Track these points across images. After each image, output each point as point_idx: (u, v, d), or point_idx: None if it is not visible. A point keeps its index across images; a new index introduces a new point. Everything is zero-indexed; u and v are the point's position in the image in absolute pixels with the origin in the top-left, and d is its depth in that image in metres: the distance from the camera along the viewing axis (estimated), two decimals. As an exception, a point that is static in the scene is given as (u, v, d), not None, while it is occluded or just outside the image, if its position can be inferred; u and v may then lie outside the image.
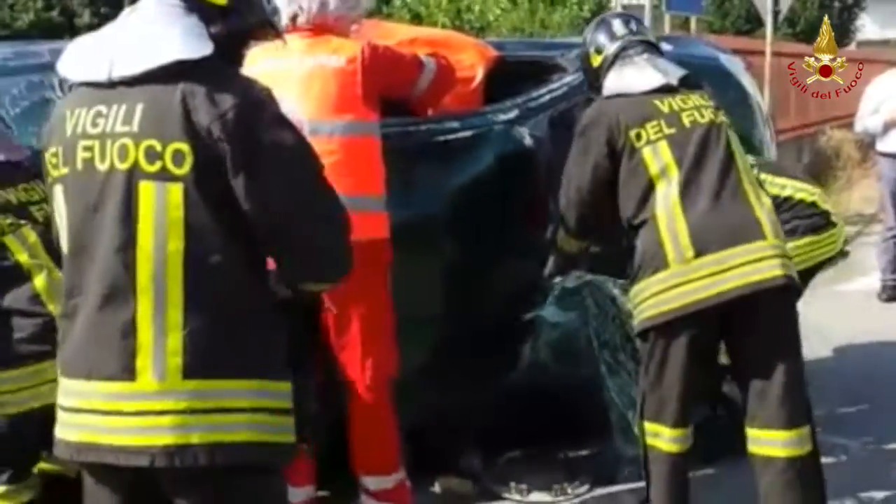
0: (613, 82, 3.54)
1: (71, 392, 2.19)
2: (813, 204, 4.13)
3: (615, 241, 3.58)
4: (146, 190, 2.11)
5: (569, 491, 4.00)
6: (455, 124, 3.91)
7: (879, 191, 7.68)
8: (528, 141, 3.98)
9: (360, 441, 3.41)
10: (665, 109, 3.43)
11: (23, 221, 3.21)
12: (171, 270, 2.11)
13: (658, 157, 3.34)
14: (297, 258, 2.25)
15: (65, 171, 2.19)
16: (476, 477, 4.06)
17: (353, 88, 3.28)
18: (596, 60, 3.62)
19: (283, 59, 3.30)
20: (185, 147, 2.10)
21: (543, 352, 3.92)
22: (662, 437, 3.39)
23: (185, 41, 2.14)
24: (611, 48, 3.59)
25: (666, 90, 3.46)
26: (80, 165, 2.16)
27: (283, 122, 2.21)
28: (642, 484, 3.54)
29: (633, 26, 3.68)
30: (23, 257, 3.19)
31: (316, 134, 3.16)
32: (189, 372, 2.11)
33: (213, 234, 2.13)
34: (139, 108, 2.12)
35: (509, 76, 4.16)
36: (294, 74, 3.30)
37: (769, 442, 3.27)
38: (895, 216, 7.36)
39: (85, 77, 2.20)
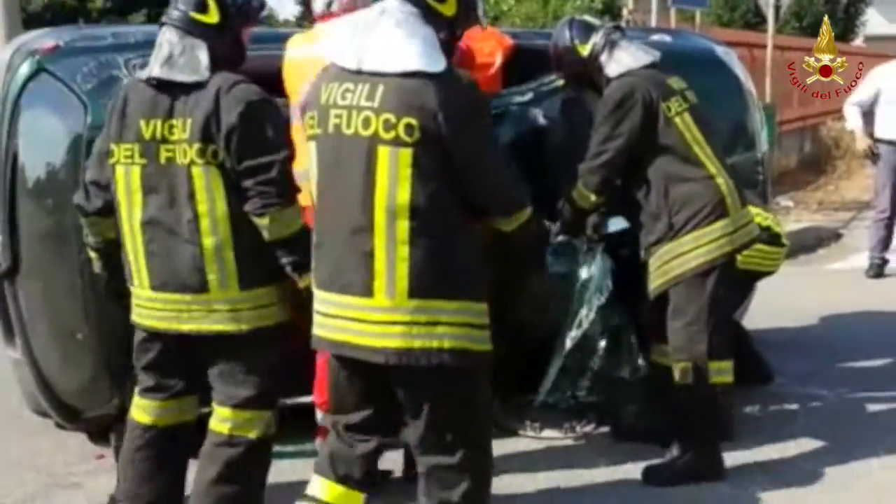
0: (617, 62, 4.03)
1: (328, 302, 2.88)
2: (768, 227, 4.59)
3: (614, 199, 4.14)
4: (383, 153, 2.76)
5: (577, 429, 4.44)
6: None
7: (875, 174, 8.02)
8: (541, 121, 4.42)
9: None
10: (675, 87, 4.02)
11: None
12: (399, 215, 2.76)
13: (688, 127, 3.94)
14: (487, 196, 2.90)
15: (318, 131, 2.87)
16: (496, 417, 4.47)
17: None
18: (584, 50, 4.10)
19: (320, 44, 3.74)
20: (414, 122, 2.73)
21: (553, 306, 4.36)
22: (726, 372, 3.91)
23: (425, 53, 2.78)
24: (597, 36, 4.09)
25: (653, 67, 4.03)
26: (331, 129, 2.82)
27: (477, 107, 2.88)
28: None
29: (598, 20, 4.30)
30: None
31: None
32: (412, 293, 2.77)
33: (432, 188, 2.77)
34: (380, 89, 2.76)
35: (524, 62, 4.59)
36: None
37: None
38: (889, 199, 7.69)
39: (339, 63, 2.86)
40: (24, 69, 4.13)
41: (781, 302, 6.42)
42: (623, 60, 4.06)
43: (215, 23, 3.18)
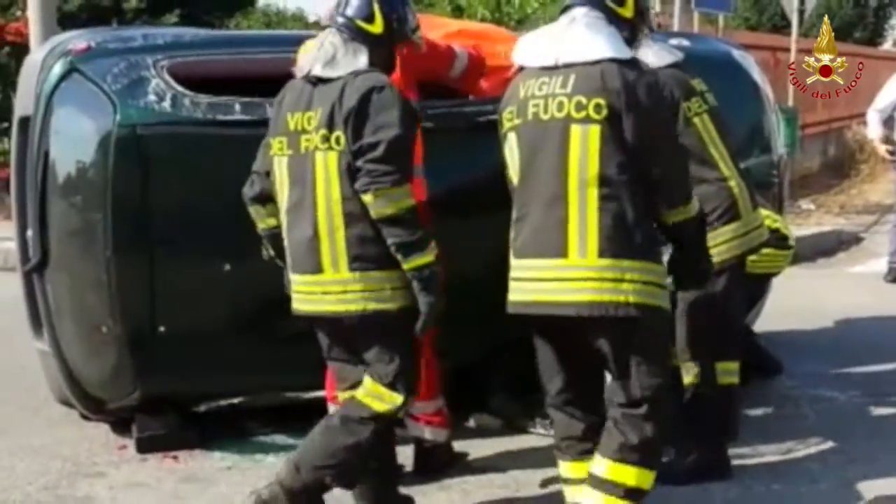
0: (642, 59, 4.09)
1: (524, 267, 3.20)
2: (776, 230, 4.64)
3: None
4: (575, 131, 3.11)
5: None
6: (492, 107, 4.42)
7: (895, 179, 8.09)
8: None
9: None
10: (696, 88, 4.07)
11: None
12: (589, 184, 3.09)
13: (706, 128, 4.02)
14: (661, 179, 3.18)
15: (518, 121, 3.23)
16: (505, 415, 4.62)
17: (394, 72, 3.78)
18: None
19: None
20: (602, 101, 3.08)
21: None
22: (733, 373, 4.00)
23: (611, 44, 3.16)
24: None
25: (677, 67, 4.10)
26: (530, 117, 3.19)
27: (659, 91, 3.24)
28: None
29: None
30: None
31: None
32: (601, 253, 3.08)
33: (617, 160, 3.09)
34: (572, 77, 3.12)
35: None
36: None
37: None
38: None
39: (536, 63, 3.23)
40: (57, 69, 4.26)
41: (799, 304, 6.49)
42: (647, 59, 4.10)
43: (378, 33, 3.48)
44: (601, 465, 3.19)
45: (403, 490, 3.77)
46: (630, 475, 3.17)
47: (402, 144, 3.35)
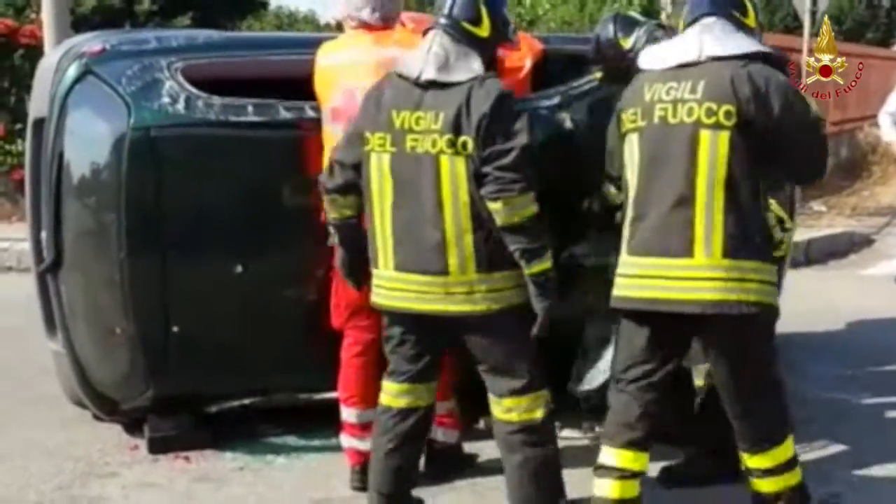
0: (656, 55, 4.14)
1: (643, 265, 3.32)
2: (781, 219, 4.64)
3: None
4: (704, 136, 3.24)
5: (597, 429, 4.45)
6: None
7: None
8: (568, 124, 4.48)
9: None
10: None
11: None
12: (717, 189, 3.22)
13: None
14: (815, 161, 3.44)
15: (643, 123, 3.36)
16: None
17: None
18: (626, 43, 4.15)
19: (355, 50, 3.95)
20: (732, 108, 3.21)
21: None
22: None
23: (745, 48, 3.31)
24: (640, 31, 4.16)
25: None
26: (656, 120, 3.31)
27: (790, 89, 3.31)
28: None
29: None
30: None
31: None
32: (726, 253, 3.23)
33: (745, 165, 3.23)
34: (702, 83, 3.25)
35: (554, 67, 4.68)
36: (365, 65, 3.89)
37: None
38: None
39: (662, 66, 3.37)
40: (72, 71, 4.29)
41: (811, 306, 6.48)
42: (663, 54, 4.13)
43: (485, 37, 3.48)
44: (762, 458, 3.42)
45: (413, 491, 3.78)
46: (780, 455, 3.42)
47: (530, 152, 3.40)
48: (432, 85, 3.40)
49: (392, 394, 3.58)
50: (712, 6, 3.39)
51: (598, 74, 4.43)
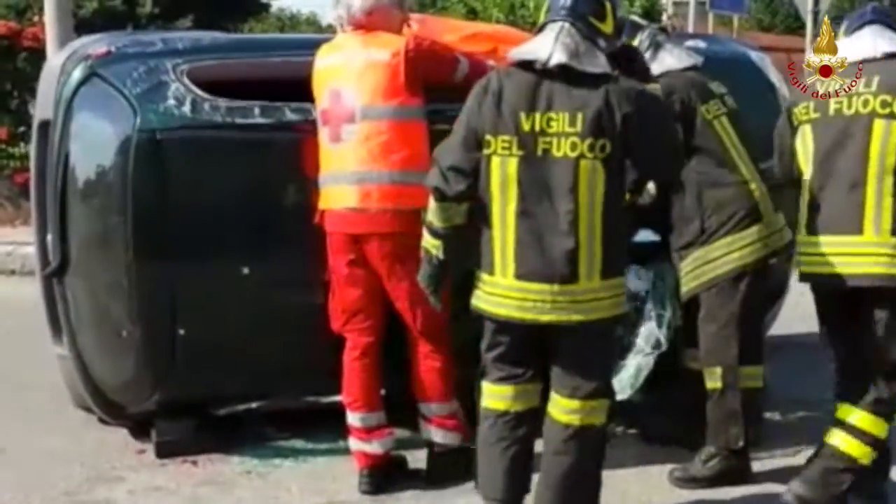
0: (658, 63, 4.11)
1: (822, 243, 3.68)
2: None
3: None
4: (878, 125, 3.59)
5: (616, 431, 4.45)
6: None
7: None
8: None
9: (420, 374, 3.97)
10: (715, 91, 4.11)
11: None
12: (887, 174, 3.57)
13: (726, 131, 4.06)
14: None
15: (816, 116, 3.73)
16: None
17: (398, 78, 3.81)
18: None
19: (343, 53, 3.95)
20: None
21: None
22: (756, 377, 4.06)
23: None
24: (643, 35, 4.18)
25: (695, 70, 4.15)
26: (831, 112, 3.67)
27: None
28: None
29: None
30: None
31: (368, 117, 3.83)
32: (894, 231, 3.57)
33: None
34: (876, 78, 3.62)
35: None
36: (352, 67, 3.89)
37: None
38: None
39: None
40: (78, 73, 4.26)
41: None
42: (665, 61, 4.14)
43: (608, 34, 3.41)
44: (855, 415, 3.73)
45: (418, 495, 3.76)
46: (877, 425, 3.71)
47: (679, 147, 3.62)
48: (562, 73, 3.24)
49: (505, 397, 3.45)
50: (874, 15, 3.78)
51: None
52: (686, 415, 4.29)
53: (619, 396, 4.14)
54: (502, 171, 3.29)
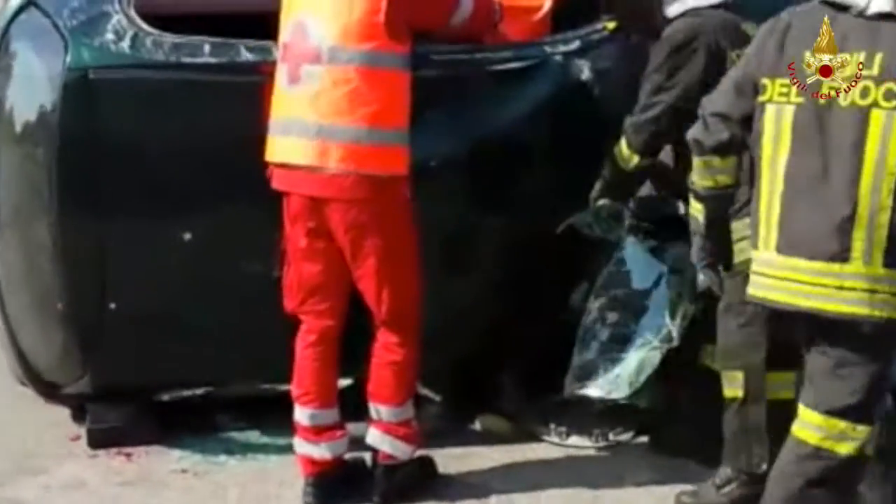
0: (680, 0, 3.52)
1: (790, 266, 2.74)
2: None
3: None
4: (876, 119, 2.64)
5: (610, 437, 3.90)
6: (508, 54, 3.81)
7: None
8: (586, 75, 3.85)
9: (375, 367, 3.41)
10: (750, 35, 3.33)
11: None
12: (887, 174, 2.63)
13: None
14: None
15: (799, 100, 2.74)
16: (516, 417, 4.01)
17: (377, 16, 3.20)
18: None
19: None
20: None
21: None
22: (788, 386, 3.29)
23: None
24: None
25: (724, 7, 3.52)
26: (821, 101, 2.72)
27: None
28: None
29: None
30: None
31: (335, 60, 3.21)
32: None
33: None
34: (878, 55, 2.66)
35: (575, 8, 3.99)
36: None
37: None
38: None
39: None
40: (15, 0, 3.73)
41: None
42: None
43: None
44: None
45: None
46: None
47: None
48: (882, 20, 2.71)
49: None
50: None
51: (610, 24, 3.86)
52: (703, 424, 3.60)
53: (614, 396, 3.61)
54: (777, 122, 2.80)
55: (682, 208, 3.61)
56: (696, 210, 3.10)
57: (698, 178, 3.03)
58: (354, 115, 3.21)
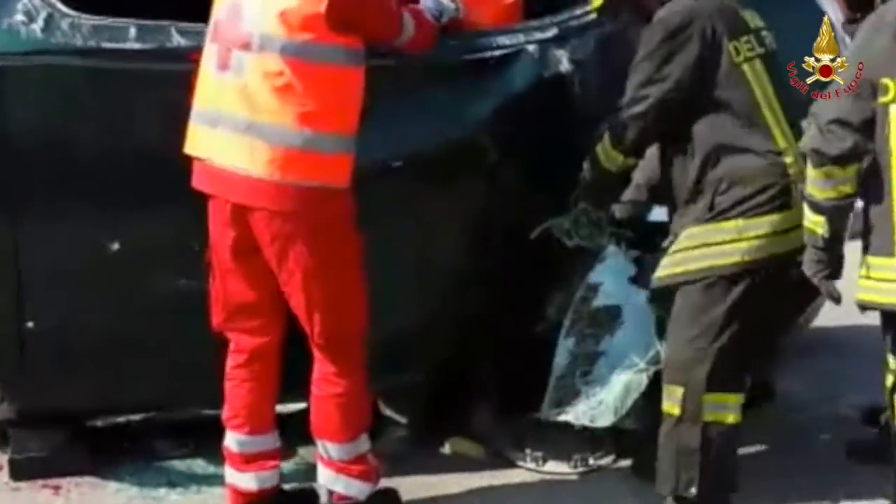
0: None
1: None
2: None
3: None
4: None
5: (590, 462, 3.59)
6: (475, 43, 3.46)
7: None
8: (565, 66, 3.50)
9: (316, 402, 3.08)
10: (750, 24, 3.24)
11: None
12: None
13: (759, 80, 3.18)
14: None
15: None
16: (488, 440, 3.72)
17: (319, 4, 2.83)
18: None
19: None
20: None
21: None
22: (729, 408, 3.16)
23: None
24: None
25: None
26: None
27: None
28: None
29: None
30: None
31: (265, 49, 2.85)
32: None
33: None
34: None
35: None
36: None
37: None
38: None
39: None
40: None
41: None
42: None
43: None
44: None
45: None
46: None
47: None
48: None
49: None
50: None
51: (596, 3, 3.56)
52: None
53: (599, 423, 3.33)
54: None
55: (667, 215, 3.31)
56: (815, 223, 2.95)
57: (817, 191, 2.93)
58: (286, 115, 2.84)
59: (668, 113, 3.16)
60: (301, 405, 3.30)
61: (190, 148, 2.98)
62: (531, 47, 3.49)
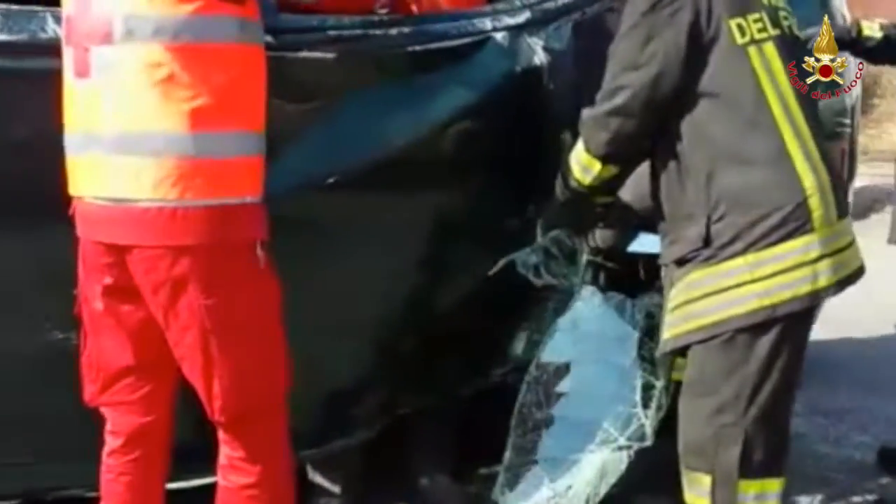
0: None
1: None
2: None
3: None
4: None
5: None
6: (434, 28, 2.93)
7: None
8: (539, 56, 3.01)
9: (225, 493, 2.44)
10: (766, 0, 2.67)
11: None
12: None
13: (769, 67, 2.59)
14: None
15: None
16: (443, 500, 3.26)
17: None
18: None
19: None
20: None
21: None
22: (770, 497, 2.59)
23: None
24: None
25: None
26: None
27: None
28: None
29: None
30: None
31: (133, 36, 2.20)
32: None
33: None
34: None
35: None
36: None
37: None
38: None
39: None
40: None
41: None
42: None
43: None
44: None
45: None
46: None
47: None
48: None
49: None
50: None
51: None
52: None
53: None
54: None
55: (657, 244, 2.75)
56: None
57: None
58: (171, 117, 2.19)
59: (654, 108, 2.57)
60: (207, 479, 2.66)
61: (72, 188, 2.34)
62: (499, 35, 3.00)
